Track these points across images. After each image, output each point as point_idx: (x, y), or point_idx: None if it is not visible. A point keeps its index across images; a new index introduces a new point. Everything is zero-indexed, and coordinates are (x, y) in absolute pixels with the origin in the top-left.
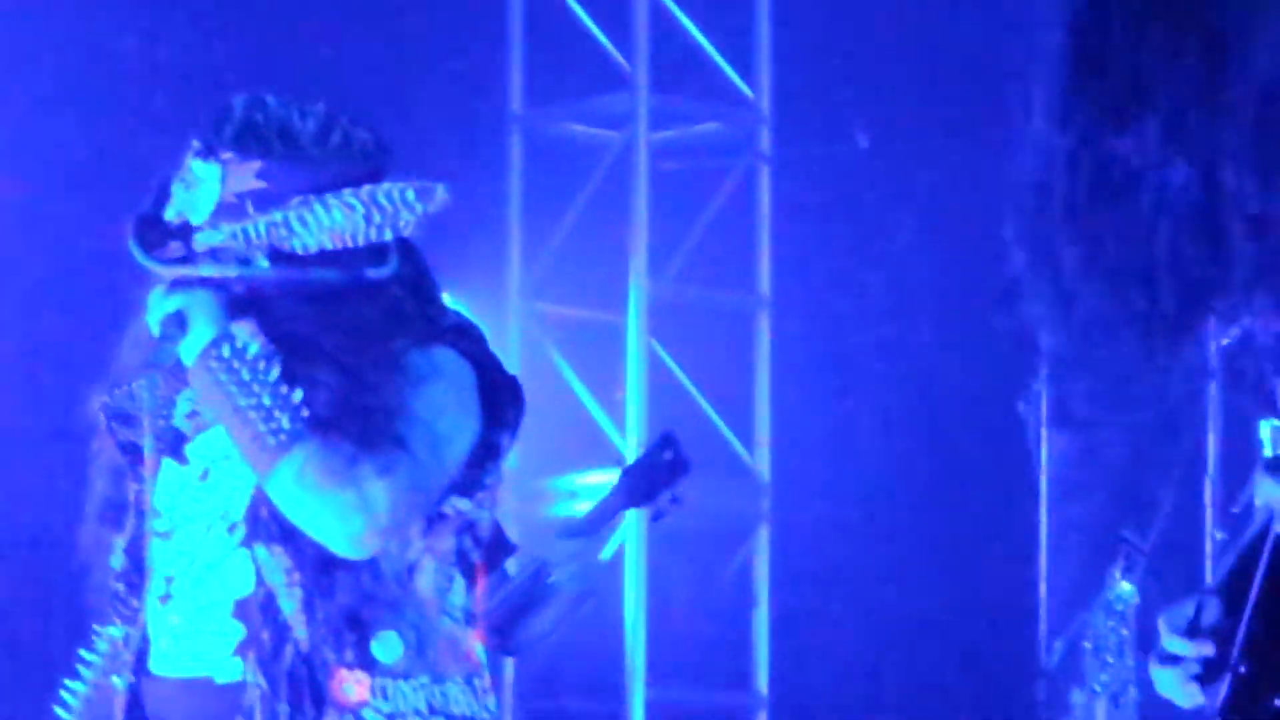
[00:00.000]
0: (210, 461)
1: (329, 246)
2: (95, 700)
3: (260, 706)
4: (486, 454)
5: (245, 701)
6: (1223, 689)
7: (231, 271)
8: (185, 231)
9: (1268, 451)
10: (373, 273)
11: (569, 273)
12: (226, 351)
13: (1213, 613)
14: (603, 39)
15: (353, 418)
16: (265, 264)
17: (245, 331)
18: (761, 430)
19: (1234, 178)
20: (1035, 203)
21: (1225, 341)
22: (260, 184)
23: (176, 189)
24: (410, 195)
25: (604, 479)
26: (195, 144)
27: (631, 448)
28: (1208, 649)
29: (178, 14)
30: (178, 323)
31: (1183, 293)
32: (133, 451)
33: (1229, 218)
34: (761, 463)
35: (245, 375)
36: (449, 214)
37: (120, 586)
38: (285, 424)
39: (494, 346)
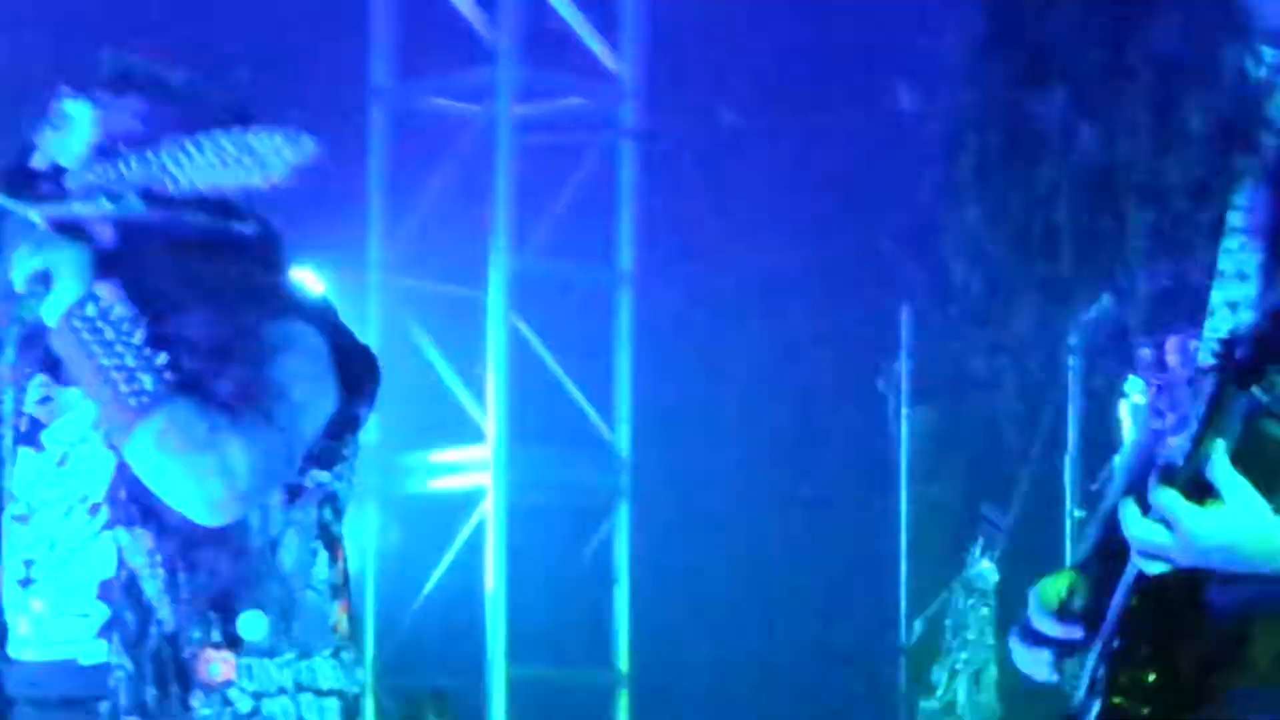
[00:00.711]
0: (68, 446)
1: (200, 189)
2: None
3: (126, 688)
4: (344, 426)
5: (111, 683)
6: (1088, 667)
7: (106, 208)
8: (56, 173)
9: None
10: (238, 226)
11: (431, 247)
12: (91, 310)
13: (1081, 596)
14: (467, 12)
15: (214, 382)
16: (138, 203)
17: (110, 293)
18: (622, 406)
19: (1131, 146)
20: (947, 160)
21: (1085, 319)
22: (134, 124)
23: (45, 136)
24: (279, 140)
25: (463, 454)
26: (64, 89)
27: (493, 422)
28: (1077, 633)
29: None
30: (42, 280)
31: (1079, 254)
32: None
33: (1125, 184)
34: (622, 439)
35: (109, 335)
36: (309, 186)
37: None
38: (148, 385)
39: (350, 320)
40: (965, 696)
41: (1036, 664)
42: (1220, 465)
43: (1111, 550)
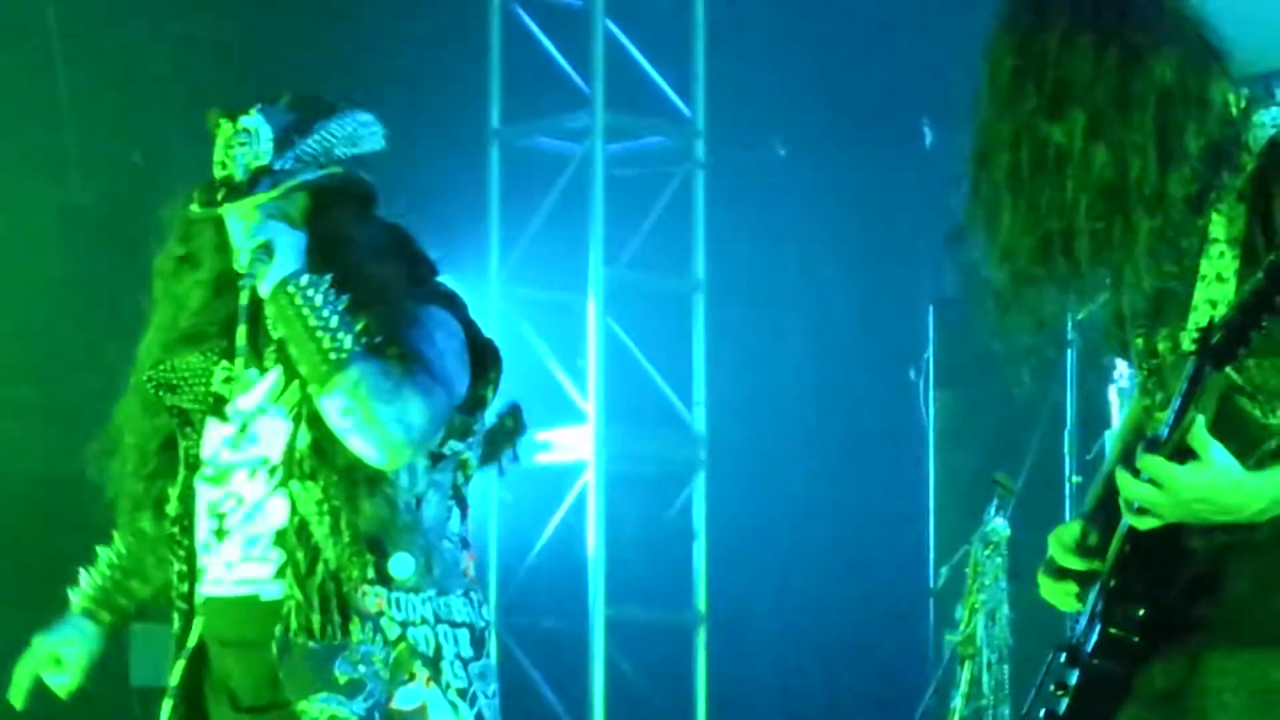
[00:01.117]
0: (248, 417)
1: (358, 152)
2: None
3: (296, 615)
4: (475, 404)
5: (283, 611)
6: (1093, 598)
7: (314, 173)
8: (261, 171)
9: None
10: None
11: (539, 261)
12: (305, 280)
13: (1094, 537)
14: (566, 66)
15: (395, 346)
16: (335, 167)
17: (317, 270)
18: (699, 392)
19: (1139, 164)
20: (980, 173)
21: (1081, 316)
22: (293, 119)
23: (227, 155)
24: (370, 117)
25: (568, 433)
26: (218, 117)
27: (593, 406)
28: (1097, 564)
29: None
30: (265, 252)
31: (1095, 255)
32: (179, 414)
33: (1134, 198)
34: (699, 419)
35: (318, 301)
36: (440, 211)
37: (175, 530)
38: (348, 344)
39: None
40: (982, 630)
41: (1064, 596)
42: (1198, 431)
43: (1111, 503)
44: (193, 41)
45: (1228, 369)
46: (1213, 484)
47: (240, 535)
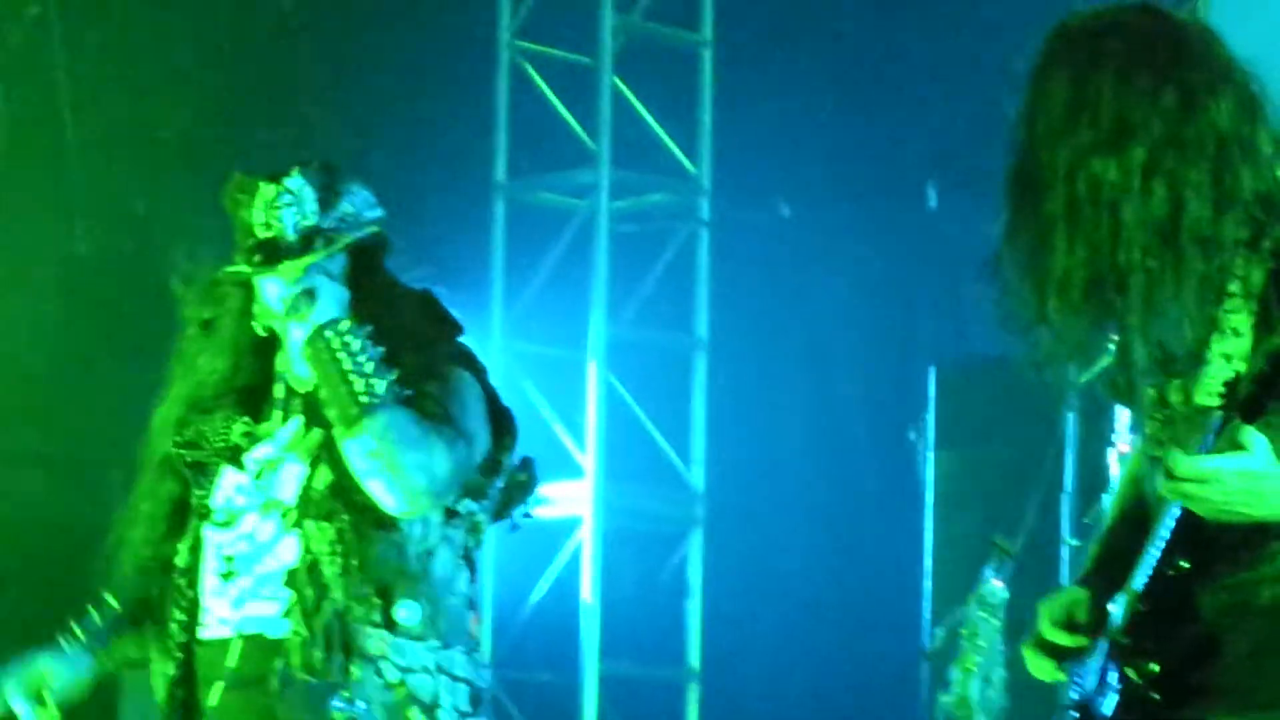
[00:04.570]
0: (264, 464)
1: (379, 214)
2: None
3: (299, 651)
4: (491, 467)
5: (286, 648)
6: (1093, 667)
7: (358, 232)
8: (313, 231)
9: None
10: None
11: (542, 317)
12: (344, 327)
13: (1084, 612)
14: (572, 122)
15: (425, 399)
16: (372, 226)
17: (355, 320)
18: (697, 449)
19: (1195, 206)
20: (1030, 207)
21: (1083, 379)
22: (326, 177)
23: (272, 216)
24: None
25: (565, 487)
26: (254, 180)
27: (591, 461)
28: (1084, 642)
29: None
30: (307, 298)
31: (1148, 295)
32: (196, 468)
33: (1188, 239)
34: (697, 477)
35: (355, 347)
36: (443, 264)
37: (183, 581)
38: (379, 390)
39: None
40: (977, 693)
41: (1046, 669)
42: (1245, 429)
43: (1108, 567)
44: (199, 95)
45: (1258, 421)
46: (1256, 472)
47: (249, 576)
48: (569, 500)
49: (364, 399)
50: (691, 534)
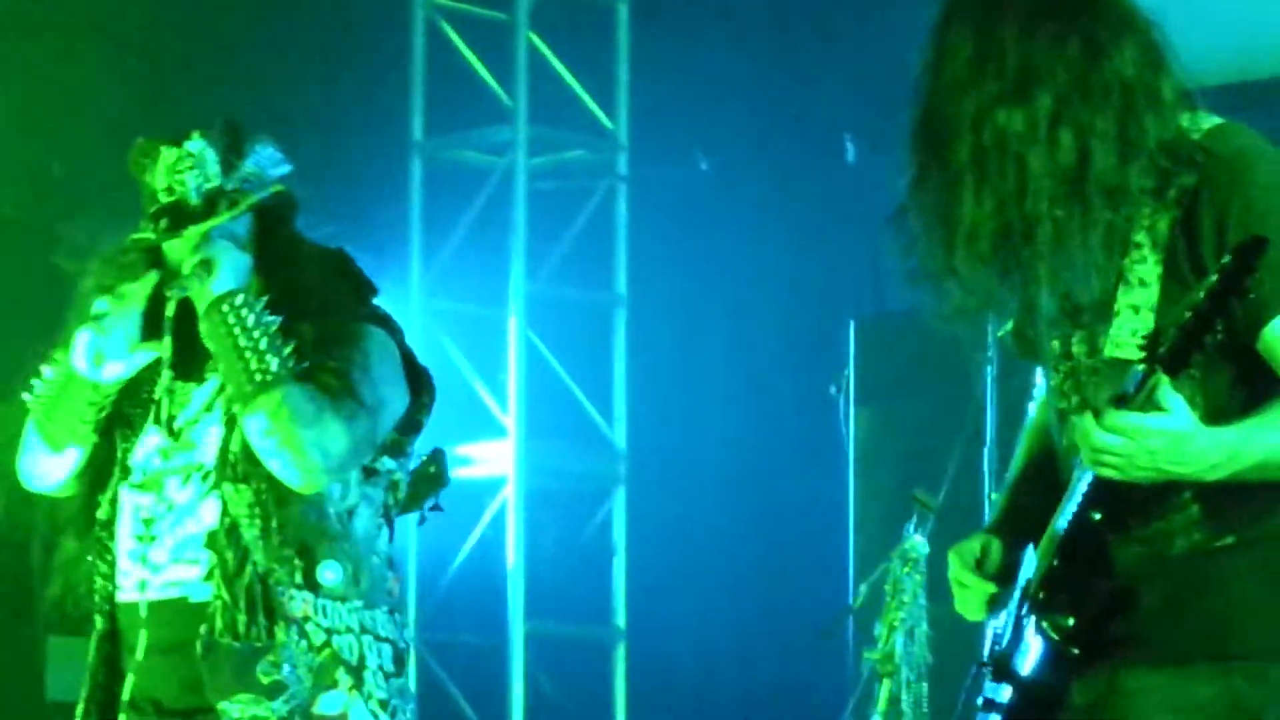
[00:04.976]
0: (184, 425)
1: (284, 173)
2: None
3: (222, 615)
4: (409, 425)
5: (209, 612)
6: (1015, 614)
7: (261, 193)
8: (215, 194)
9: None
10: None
11: (461, 275)
12: (239, 300)
13: (995, 555)
14: (489, 79)
15: (324, 371)
16: (277, 186)
17: (254, 292)
18: (619, 407)
19: (1102, 155)
20: (937, 159)
21: (1001, 334)
22: (227, 139)
23: (174, 180)
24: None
25: (487, 448)
26: (156, 143)
27: (513, 421)
28: (991, 588)
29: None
30: (205, 269)
31: (1055, 244)
32: (121, 419)
33: (1095, 188)
34: (619, 435)
35: (250, 321)
36: (360, 224)
37: (105, 535)
38: (274, 367)
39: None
40: (901, 648)
41: (971, 608)
42: (1165, 389)
43: (1016, 518)
44: (113, 56)
45: (1181, 374)
46: (1179, 433)
47: (170, 539)
48: (491, 460)
49: (258, 376)
50: (615, 492)
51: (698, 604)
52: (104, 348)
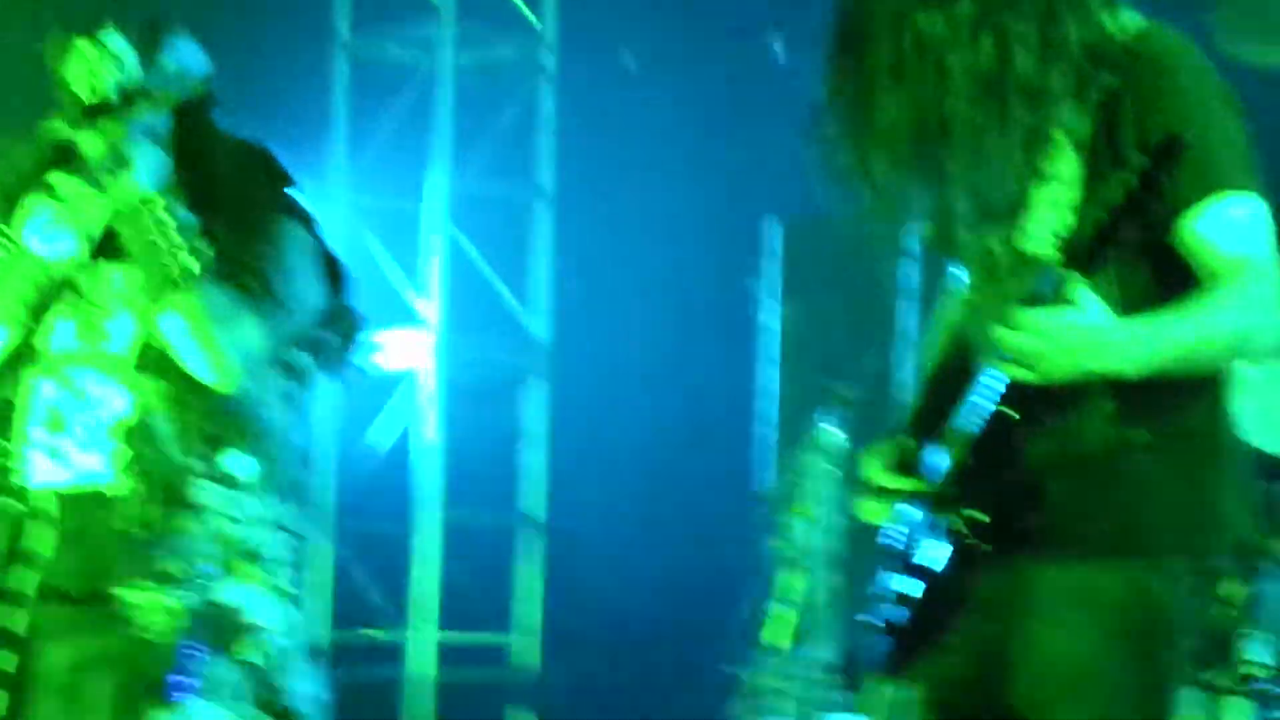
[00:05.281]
0: (99, 314)
1: (205, 69)
2: None
3: (130, 504)
4: (325, 320)
5: (117, 502)
6: (927, 509)
7: (180, 89)
8: (135, 90)
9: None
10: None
11: (385, 171)
12: (157, 198)
13: (909, 457)
14: None
15: (242, 269)
16: (196, 83)
17: (174, 192)
18: (541, 299)
19: (1022, 58)
20: (856, 61)
21: (919, 233)
22: (148, 34)
23: (92, 75)
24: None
25: (406, 336)
26: (72, 37)
27: (434, 312)
28: (913, 485)
29: None
30: (122, 165)
31: (972, 145)
32: (31, 302)
33: (1014, 89)
34: (539, 325)
35: (168, 220)
36: (285, 119)
37: (13, 422)
38: (192, 267)
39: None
40: (813, 540)
41: (876, 512)
42: (1078, 285)
43: (929, 415)
44: None
45: (1096, 273)
46: (1095, 327)
47: (79, 428)
48: (411, 350)
49: (177, 276)
50: (534, 383)
51: (615, 494)
52: (53, 225)
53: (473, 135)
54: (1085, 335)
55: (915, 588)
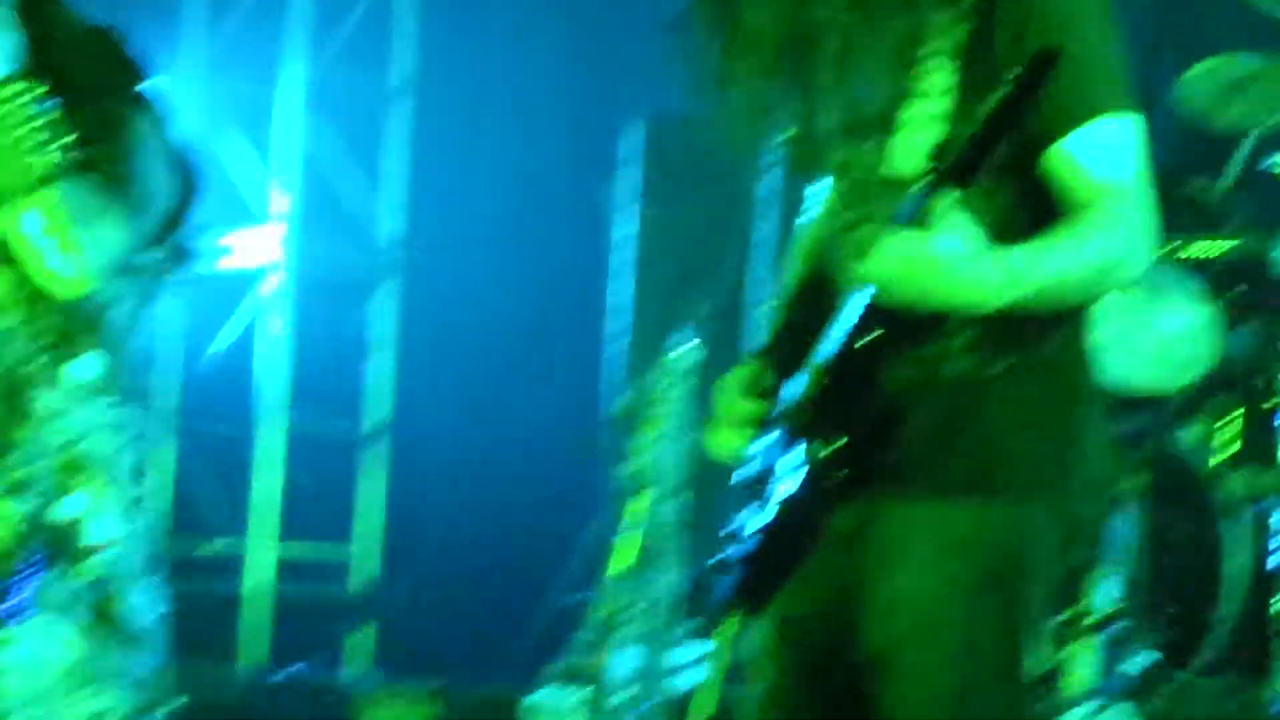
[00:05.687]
0: None
1: None
2: None
3: None
4: (173, 218)
5: None
6: (782, 435)
7: None
8: None
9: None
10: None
11: (238, 55)
12: (17, 87)
13: (770, 376)
14: None
15: (98, 164)
16: None
17: (29, 79)
18: (395, 197)
19: None
20: None
21: (782, 142)
22: None
23: None
24: None
25: (252, 234)
26: None
27: (286, 209)
28: (758, 411)
29: None
30: None
31: (840, 53)
32: None
33: None
34: (395, 225)
35: (26, 111)
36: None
37: None
38: (51, 161)
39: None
40: (662, 458)
41: (727, 444)
42: (947, 206)
43: (789, 339)
44: None
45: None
46: (955, 257)
47: None
48: (256, 249)
49: (36, 170)
50: (384, 284)
51: (463, 402)
52: None
53: (331, 22)
54: (943, 265)
55: (768, 518)
